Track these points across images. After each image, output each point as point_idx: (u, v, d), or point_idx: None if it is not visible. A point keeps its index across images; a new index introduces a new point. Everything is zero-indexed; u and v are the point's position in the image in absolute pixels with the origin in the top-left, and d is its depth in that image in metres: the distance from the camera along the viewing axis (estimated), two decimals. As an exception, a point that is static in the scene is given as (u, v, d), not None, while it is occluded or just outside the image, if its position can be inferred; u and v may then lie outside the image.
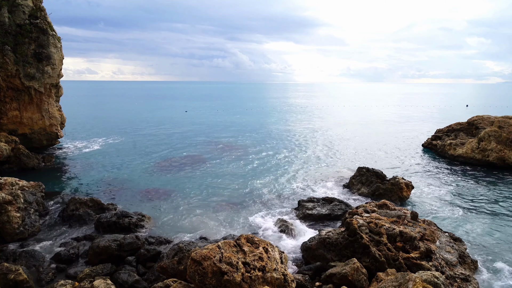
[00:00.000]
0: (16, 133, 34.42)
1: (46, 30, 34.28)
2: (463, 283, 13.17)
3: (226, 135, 51.99)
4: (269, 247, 12.50)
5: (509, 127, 33.69)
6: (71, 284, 13.28)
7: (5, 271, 13.45)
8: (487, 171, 31.73)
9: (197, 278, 11.00)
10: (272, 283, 11.35)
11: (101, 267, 14.97)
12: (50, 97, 36.48)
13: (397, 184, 24.39)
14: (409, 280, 10.86)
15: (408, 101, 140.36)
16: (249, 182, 28.35)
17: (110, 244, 16.13)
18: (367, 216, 16.51)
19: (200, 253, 11.37)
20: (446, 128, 42.80)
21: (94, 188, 26.72)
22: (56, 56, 35.03)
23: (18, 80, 33.03)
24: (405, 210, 17.66)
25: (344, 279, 12.90)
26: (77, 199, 21.64)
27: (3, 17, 31.95)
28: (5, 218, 17.67)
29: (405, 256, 13.85)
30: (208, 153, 39.21)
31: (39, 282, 14.48)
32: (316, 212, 21.04)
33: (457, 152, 36.22)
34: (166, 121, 68.33)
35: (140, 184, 27.55)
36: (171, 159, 36.26)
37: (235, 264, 11.22)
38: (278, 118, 76.11)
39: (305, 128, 60.21)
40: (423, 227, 15.70)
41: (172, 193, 25.48)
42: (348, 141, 47.05)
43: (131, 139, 47.09)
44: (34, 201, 20.51)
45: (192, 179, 29.07)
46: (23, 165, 30.54)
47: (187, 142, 45.90)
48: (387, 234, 14.84)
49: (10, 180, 20.01)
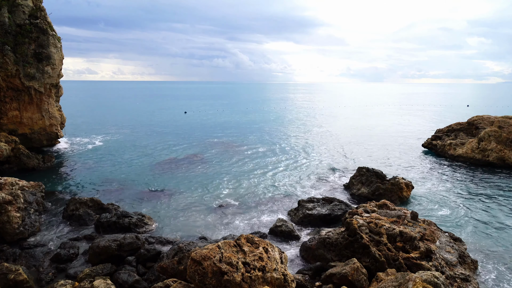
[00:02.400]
0: (16, 133, 34.43)
1: (46, 30, 34.30)
2: (463, 283, 13.16)
3: (226, 135, 51.99)
4: (269, 247, 12.49)
5: (509, 127, 33.69)
6: (71, 284, 13.28)
7: (5, 271, 13.45)
8: (487, 171, 31.72)
9: (197, 278, 11.00)
10: (272, 283, 11.35)
11: (101, 267, 14.97)
12: (50, 97, 36.49)
13: (397, 184, 24.38)
14: (409, 280, 10.86)
15: (408, 101, 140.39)
16: (249, 182, 28.35)
17: (110, 244, 16.13)
18: (367, 216, 16.51)
19: (200, 253, 11.37)
20: (446, 128, 42.80)
21: (94, 188, 26.71)
22: (56, 56, 35.04)
23: (18, 80, 33.04)
24: (405, 210, 17.66)
25: (344, 279, 12.90)
26: (77, 199, 21.63)
27: (3, 17, 31.95)
28: (5, 218, 17.67)
29: (405, 256, 13.85)
30: (208, 153, 39.22)
31: (39, 282, 14.48)
32: (316, 212, 21.03)
33: (457, 152, 36.22)
34: (166, 121, 68.34)
35: (140, 184, 27.55)
36: (171, 159, 36.26)
37: (235, 264, 11.22)
38: (278, 118, 76.12)
39: (305, 128, 60.22)
40: (423, 227, 15.70)
41: (172, 193, 25.49)
42: (348, 141, 47.05)
43: (131, 139, 47.10)
44: (34, 201, 20.51)
45: (192, 179, 29.07)
46: (23, 165, 30.53)
47: (187, 142, 45.90)
48: (387, 234, 14.84)
49: (10, 180, 20.02)
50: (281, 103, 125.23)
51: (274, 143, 45.67)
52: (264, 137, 49.78)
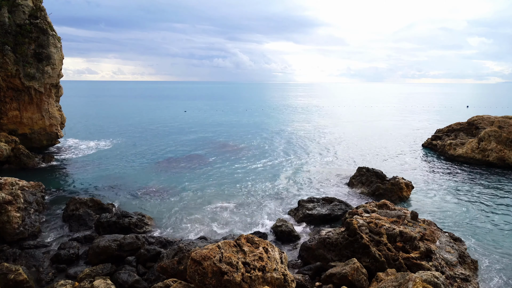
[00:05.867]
0: (16, 133, 34.42)
1: (46, 30, 34.29)
2: (463, 283, 13.16)
3: (226, 135, 51.99)
4: (269, 247, 12.49)
5: (509, 127, 33.69)
6: (71, 284, 13.28)
7: (5, 271, 13.45)
8: (487, 171, 31.72)
9: (197, 278, 11.00)
10: (272, 283, 11.35)
11: (101, 267, 14.96)
12: (50, 97, 36.49)
13: (397, 184, 24.39)
14: (409, 280, 10.86)
15: (408, 101, 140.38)
16: (249, 182, 28.35)
17: (110, 244, 16.13)
18: (367, 216, 16.51)
19: (200, 253, 11.37)
20: (446, 128, 42.81)
21: (94, 188, 26.71)
22: (56, 56, 35.03)
23: (18, 80, 33.04)
24: (405, 210, 17.66)
25: (344, 279, 12.89)
26: (77, 199, 21.63)
27: (3, 17, 31.95)
28: (5, 218, 17.67)
29: (405, 256, 13.85)
30: (208, 153, 39.22)
31: (39, 282, 14.48)
32: (316, 212, 21.03)
33: (457, 152, 36.22)
34: (166, 121, 68.35)
35: (140, 184, 27.55)
36: (171, 159, 36.27)
37: (235, 264, 11.21)
38: (278, 118, 76.12)
39: (305, 128, 60.21)
40: (423, 227, 15.70)
41: (172, 193, 25.49)
42: (348, 141, 47.05)
43: (131, 139, 47.10)
44: (34, 201, 20.51)
45: (192, 179, 29.07)
46: (23, 165, 30.54)
47: (187, 142, 45.91)
48: (387, 234, 14.84)
49: (10, 180, 20.01)
50: (281, 103, 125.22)
51: (274, 142, 45.67)
52: (264, 137, 49.78)
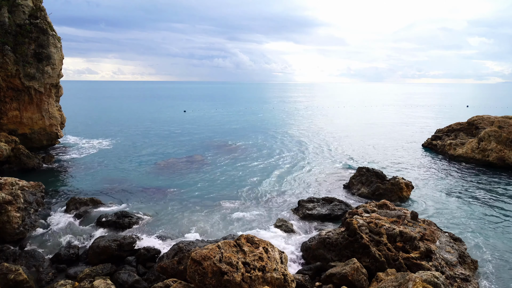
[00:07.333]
0: (16, 133, 34.42)
1: (46, 30, 34.29)
2: (463, 283, 13.17)
3: (226, 135, 51.98)
4: (269, 247, 12.50)
5: (509, 127, 33.68)
6: (71, 284, 13.28)
7: (5, 271, 13.45)
8: (487, 171, 31.72)
9: (197, 278, 11.01)
10: (272, 283, 11.35)
11: (101, 267, 14.97)
12: (50, 97, 36.49)
13: (397, 184, 24.39)
14: (409, 280, 10.86)
15: (408, 101, 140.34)
16: (249, 182, 28.35)
17: (110, 244, 16.14)
18: (367, 216, 16.51)
19: (200, 253, 11.37)
20: (446, 128, 42.81)
21: (94, 188, 26.70)
22: (56, 56, 35.03)
23: (18, 80, 33.03)
24: (405, 210, 17.66)
25: (344, 279, 12.90)
26: (77, 199, 21.62)
27: (3, 17, 31.95)
28: (5, 218, 17.67)
29: (405, 256, 13.85)
30: (208, 153, 39.21)
31: (39, 282, 14.48)
32: (316, 212, 21.03)
33: (457, 152, 36.22)
34: (166, 121, 68.33)
35: (140, 184, 27.55)
36: (171, 159, 36.26)
37: (235, 264, 11.22)
38: (278, 118, 76.12)
39: (305, 128, 60.21)
40: (423, 227, 15.70)
41: (172, 193, 25.49)
42: (348, 141, 47.04)
43: (131, 139, 47.09)
44: (34, 201, 20.52)
45: (192, 179, 29.07)
46: (23, 165, 30.53)
47: (187, 142, 45.91)
48: (387, 234, 14.85)
49: (10, 180, 20.01)
50: (281, 103, 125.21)
51: (274, 142, 45.66)
52: (264, 137, 49.77)
